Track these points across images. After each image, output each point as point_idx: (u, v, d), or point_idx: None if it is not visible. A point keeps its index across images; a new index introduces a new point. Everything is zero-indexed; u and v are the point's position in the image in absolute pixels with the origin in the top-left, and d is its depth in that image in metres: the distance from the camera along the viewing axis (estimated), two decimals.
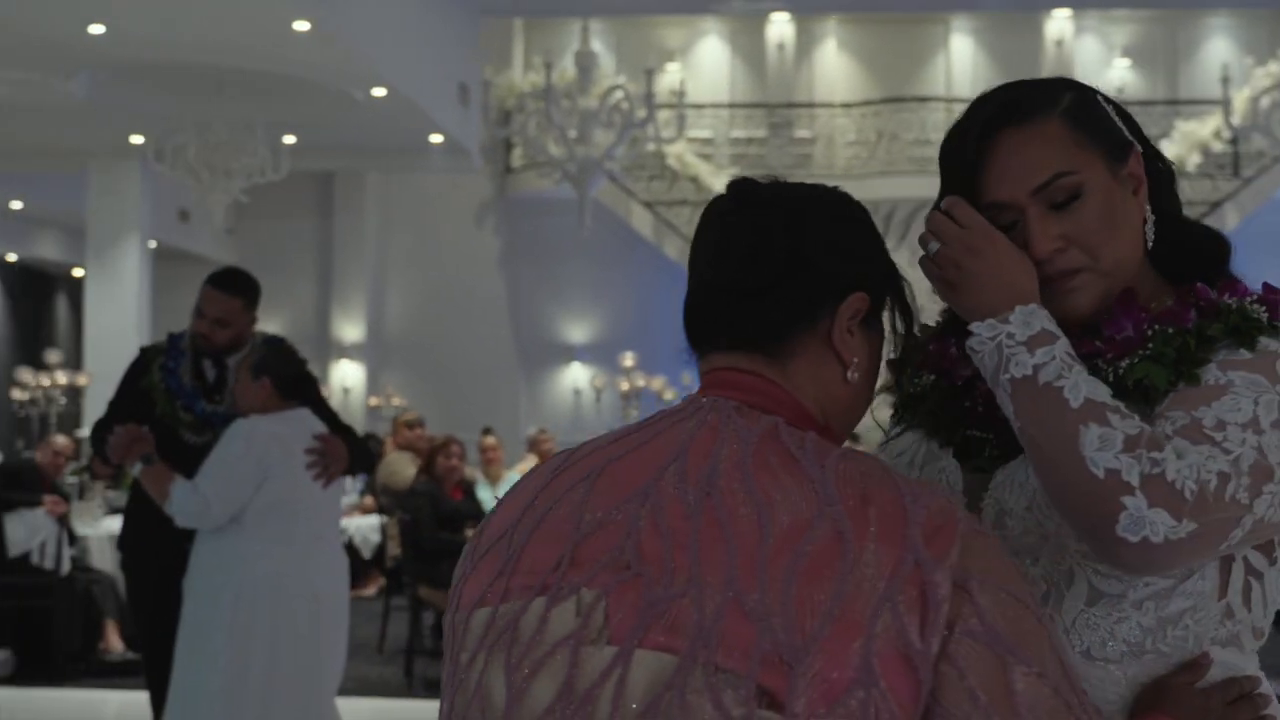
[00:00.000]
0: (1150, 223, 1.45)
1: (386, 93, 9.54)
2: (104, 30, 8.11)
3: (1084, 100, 1.45)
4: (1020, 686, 1.12)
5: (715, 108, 18.72)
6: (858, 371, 1.32)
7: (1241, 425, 1.28)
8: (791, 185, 1.35)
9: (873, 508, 1.16)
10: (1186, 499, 1.23)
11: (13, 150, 11.66)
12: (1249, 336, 1.36)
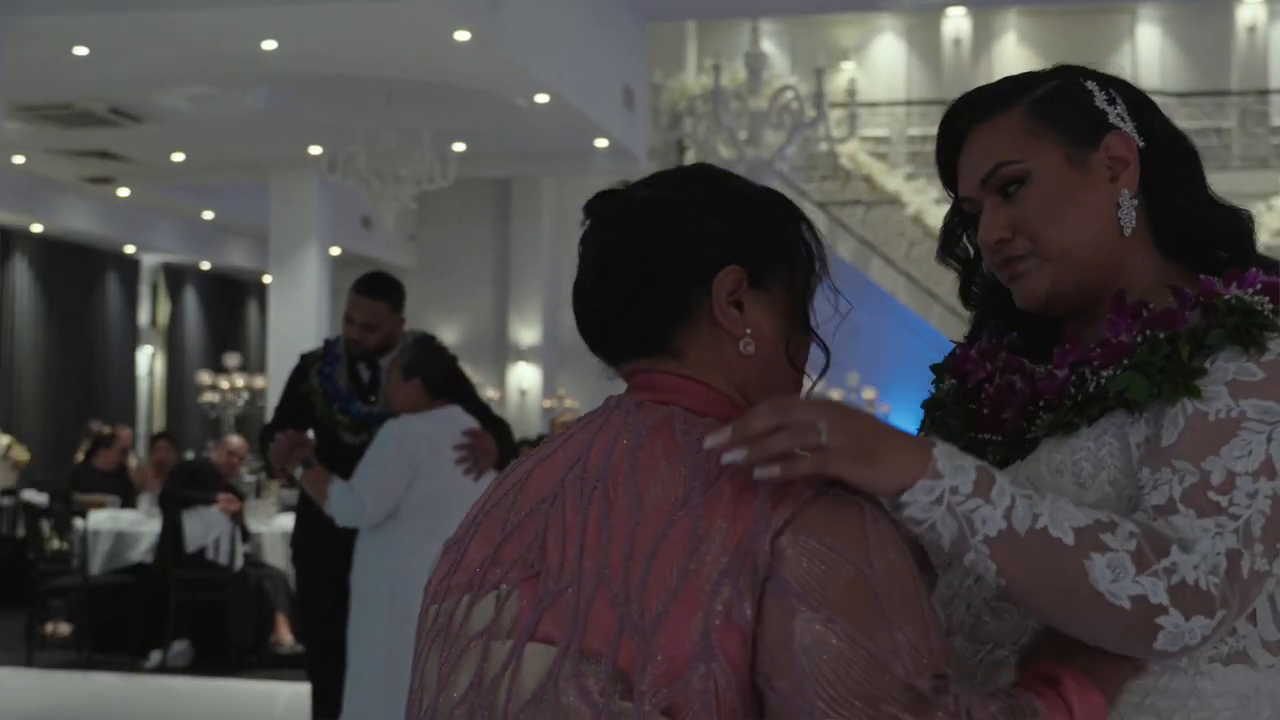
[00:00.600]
0: (1129, 207, 1.41)
1: (549, 99, 9.67)
2: (276, 46, 8.41)
3: (1060, 89, 1.44)
4: (799, 632, 1.13)
5: (890, 105, 18.52)
6: (752, 341, 1.31)
7: (1252, 474, 1.24)
8: (646, 184, 1.35)
9: (728, 482, 1.18)
10: (1214, 595, 1.20)
11: (202, 163, 12.18)
12: (1253, 337, 1.29)
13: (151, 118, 10.41)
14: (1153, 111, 1.46)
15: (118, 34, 8.24)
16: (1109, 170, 1.42)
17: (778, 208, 1.38)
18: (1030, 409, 1.42)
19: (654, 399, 1.30)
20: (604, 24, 10.71)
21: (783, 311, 1.35)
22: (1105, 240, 1.41)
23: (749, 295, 1.32)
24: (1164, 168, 1.43)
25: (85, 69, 8.93)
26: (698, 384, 1.31)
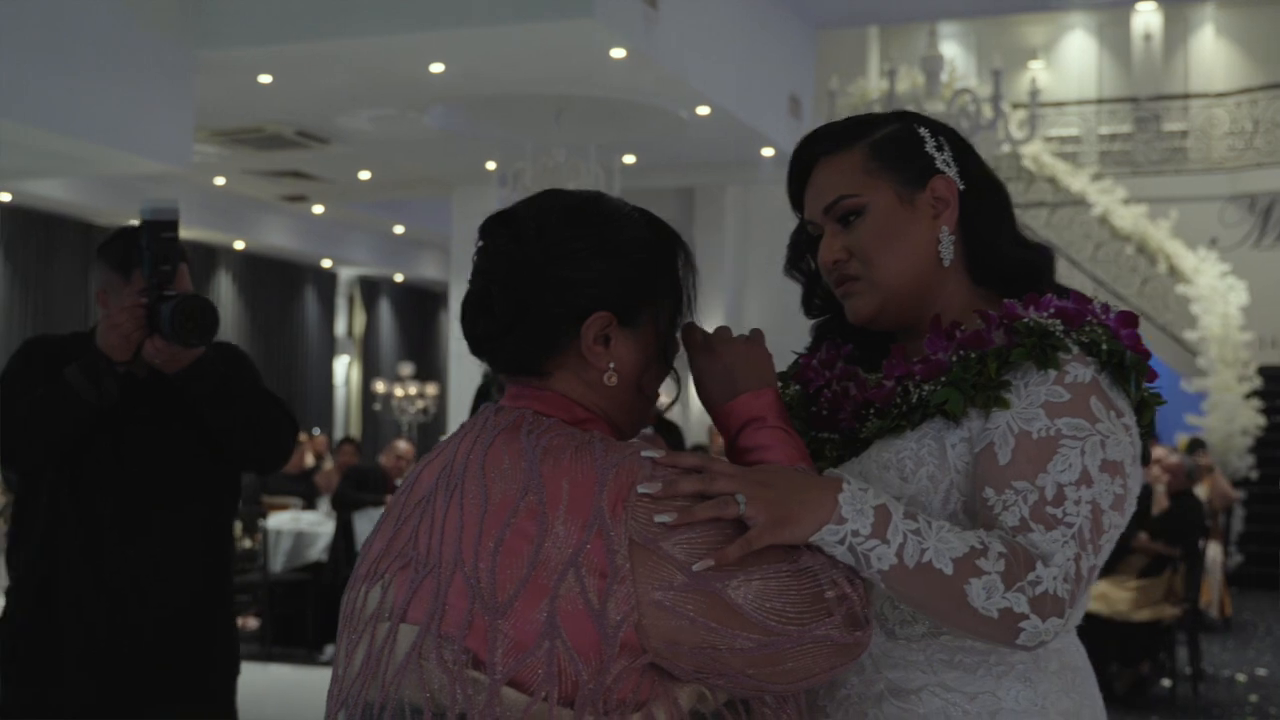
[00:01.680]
0: (948, 241, 1.59)
1: (710, 111, 9.85)
2: (443, 68, 8.79)
3: (898, 133, 1.62)
4: (737, 597, 1.33)
5: (1078, 105, 18.14)
6: (615, 375, 1.47)
7: (1075, 484, 1.44)
8: (534, 219, 1.48)
9: (566, 479, 1.35)
10: (1065, 599, 1.41)
11: (388, 180, 12.73)
12: (1049, 356, 1.48)
13: (337, 139, 10.96)
14: (973, 157, 1.65)
15: (297, 62, 8.73)
16: (933, 209, 1.60)
17: (657, 255, 1.53)
18: (862, 413, 1.60)
19: (514, 406, 1.48)
20: (769, 35, 10.84)
21: (646, 347, 1.51)
22: (926, 269, 1.60)
23: (617, 332, 1.48)
24: (980, 208, 1.62)
25: (270, 96, 9.48)
26: (565, 400, 1.48)
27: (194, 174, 12.49)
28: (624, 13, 8.09)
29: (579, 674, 1.32)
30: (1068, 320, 1.52)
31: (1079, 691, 1.57)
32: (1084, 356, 1.50)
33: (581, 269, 1.47)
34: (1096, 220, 15.99)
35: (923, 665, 1.53)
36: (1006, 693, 1.52)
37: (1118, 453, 1.47)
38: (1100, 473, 1.44)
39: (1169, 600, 7.19)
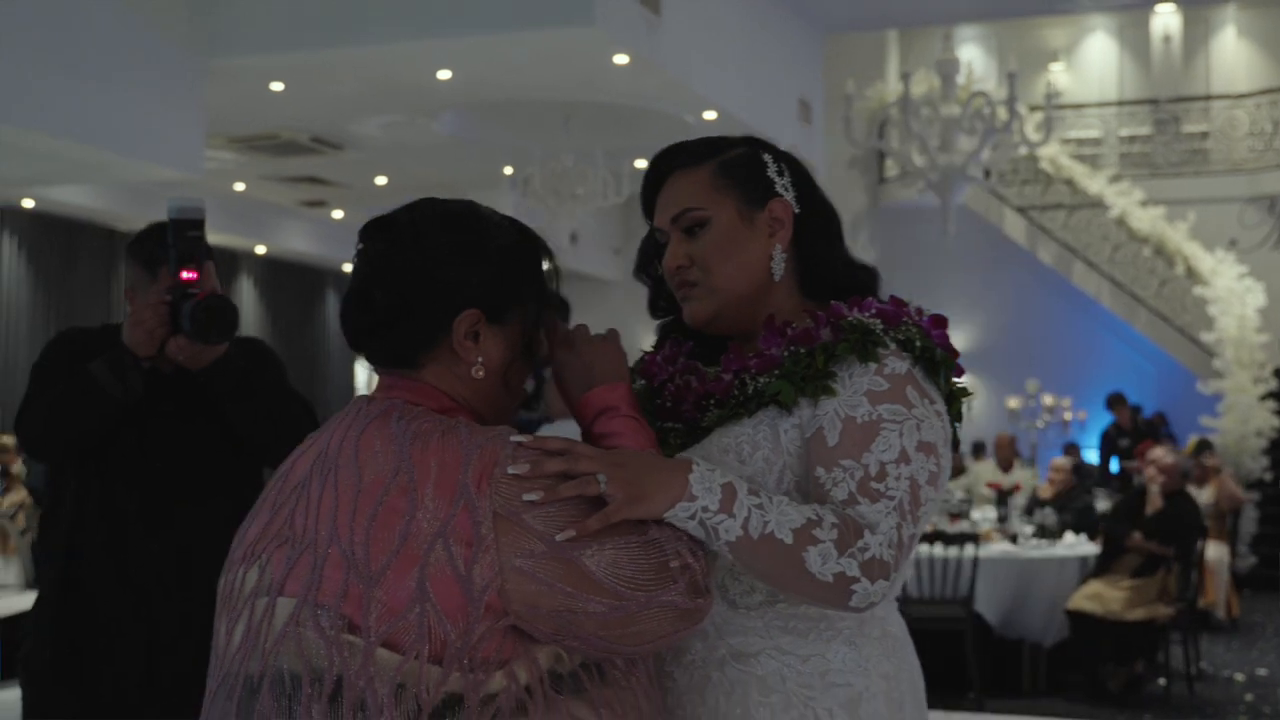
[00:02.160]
0: (780, 258, 1.76)
1: (717, 115, 9.95)
2: (450, 75, 8.94)
3: (744, 156, 1.79)
4: (592, 565, 1.47)
5: (1097, 106, 18.14)
6: (483, 368, 1.61)
7: (895, 462, 1.61)
8: (412, 224, 1.61)
9: (434, 459, 1.49)
10: (890, 563, 1.58)
11: (403, 185, 12.89)
12: (869, 350, 1.65)
13: (351, 145, 11.14)
14: (811, 185, 1.82)
15: (307, 70, 8.90)
16: (769, 228, 1.77)
17: (524, 259, 1.67)
18: (703, 403, 1.75)
19: (385, 397, 1.61)
20: (777, 39, 10.93)
21: (513, 343, 1.65)
22: (758, 282, 1.77)
23: (486, 329, 1.62)
24: (814, 231, 1.80)
25: (282, 103, 9.65)
26: (436, 391, 1.61)
27: (213, 180, 12.69)
28: (626, 20, 8.21)
29: (447, 634, 1.44)
30: (886, 320, 1.70)
31: (898, 656, 1.73)
32: (900, 352, 1.67)
33: (455, 271, 1.60)
34: (1114, 222, 16.00)
35: (760, 631, 1.68)
36: (834, 655, 1.68)
37: (931, 435, 1.64)
38: (917, 452, 1.62)
39: (1163, 600, 7.24)
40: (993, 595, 7.41)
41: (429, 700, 1.43)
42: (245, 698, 1.51)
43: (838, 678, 1.67)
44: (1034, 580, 7.51)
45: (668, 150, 1.83)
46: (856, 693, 1.67)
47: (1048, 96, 14.59)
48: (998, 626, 7.47)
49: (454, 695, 1.44)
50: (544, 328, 1.69)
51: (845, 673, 1.67)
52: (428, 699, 1.43)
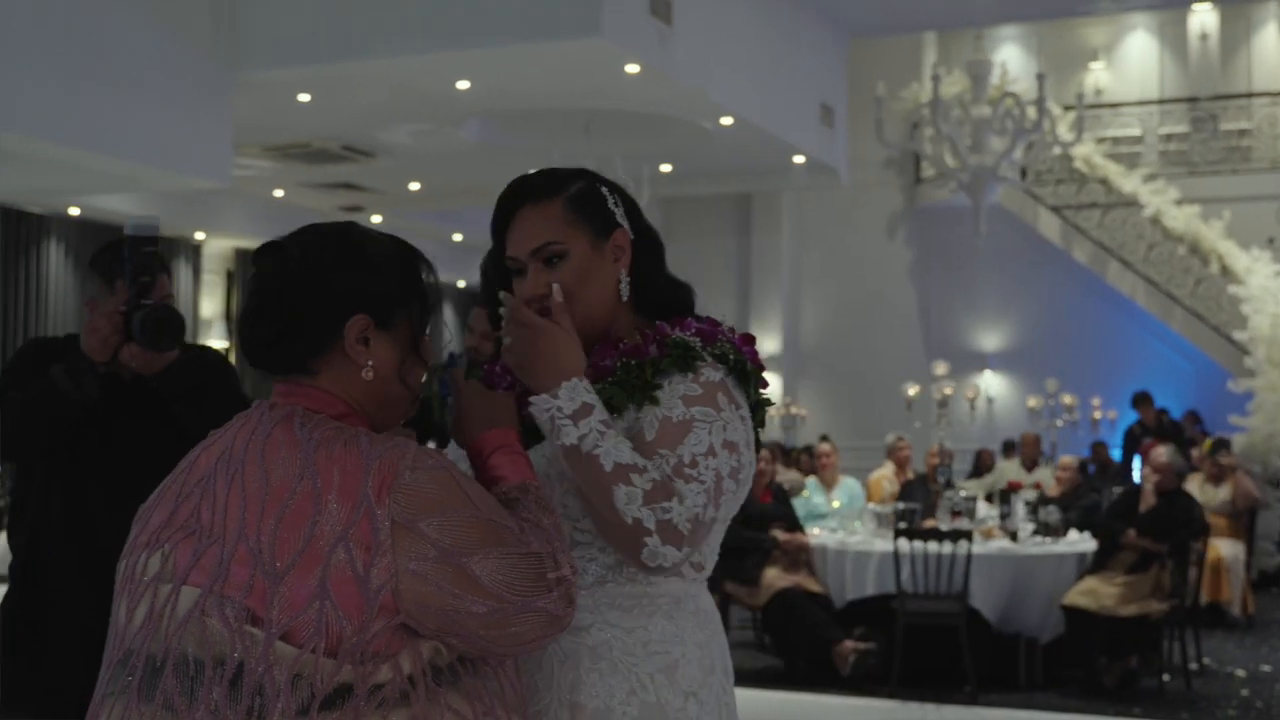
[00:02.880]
0: (625, 282, 1.99)
1: (734, 121, 10.15)
2: (469, 85, 9.21)
3: (587, 190, 2.00)
4: (478, 570, 1.66)
5: (1132, 105, 18.11)
6: (373, 371, 1.79)
7: (704, 455, 1.86)
8: (299, 245, 1.80)
9: (337, 466, 1.66)
10: (684, 534, 1.81)
11: (436, 190, 13.19)
12: (689, 364, 1.91)
13: (382, 152, 11.44)
14: (638, 211, 2.06)
15: (332, 81, 9.21)
16: (614, 255, 2.00)
17: (405, 269, 1.85)
18: None
19: (285, 402, 1.79)
20: (797, 46, 11.11)
21: (401, 346, 1.83)
22: (610, 304, 2.00)
23: (375, 334, 1.79)
24: (644, 254, 2.04)
25: (310, 113, 9.96)
26: (329, 396, 1.79)
27: (253, 187, 13.08)
28: (636, 30, 8.44)
29: (344, 630, 1.62)
30: (704, 338, 1.97)
31: (710, 629, 1.99)
32: (715, 364, 1.93)
33: (341, 281, 1.78)
34: (1148, 221, 16.01)
35: (591, 608, 1.90)
36: (655, 627, 1.92)
37: (735, 435, 1.90)
38: (722, 449, 1.87)
39: (1156, 596, 7.36)
40: (989, 591, 7.56)
41: (322, 689, 1.60)
42: (148, 675, 1.64)
43: (658, 647, 1.91)
44: (1031, 576, 7.66)
45: (516, 186, 2.02)
46: (674, 660, 1.91)
47: (1078, 96, 14.66)
48: (995, 622, 7.62)
49: (345, 685, 1.61)
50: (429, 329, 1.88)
51: (664, 642, 1.91)
52: (321, 688, 1.60)
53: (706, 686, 1.94)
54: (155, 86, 8.39)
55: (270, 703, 1.59)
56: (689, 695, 1.91)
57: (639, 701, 1.89)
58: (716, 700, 1.96)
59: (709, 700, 1.94)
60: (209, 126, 8.84)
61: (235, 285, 14.57)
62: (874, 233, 18.29)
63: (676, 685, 1.91)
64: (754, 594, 7.85)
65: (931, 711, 7.12)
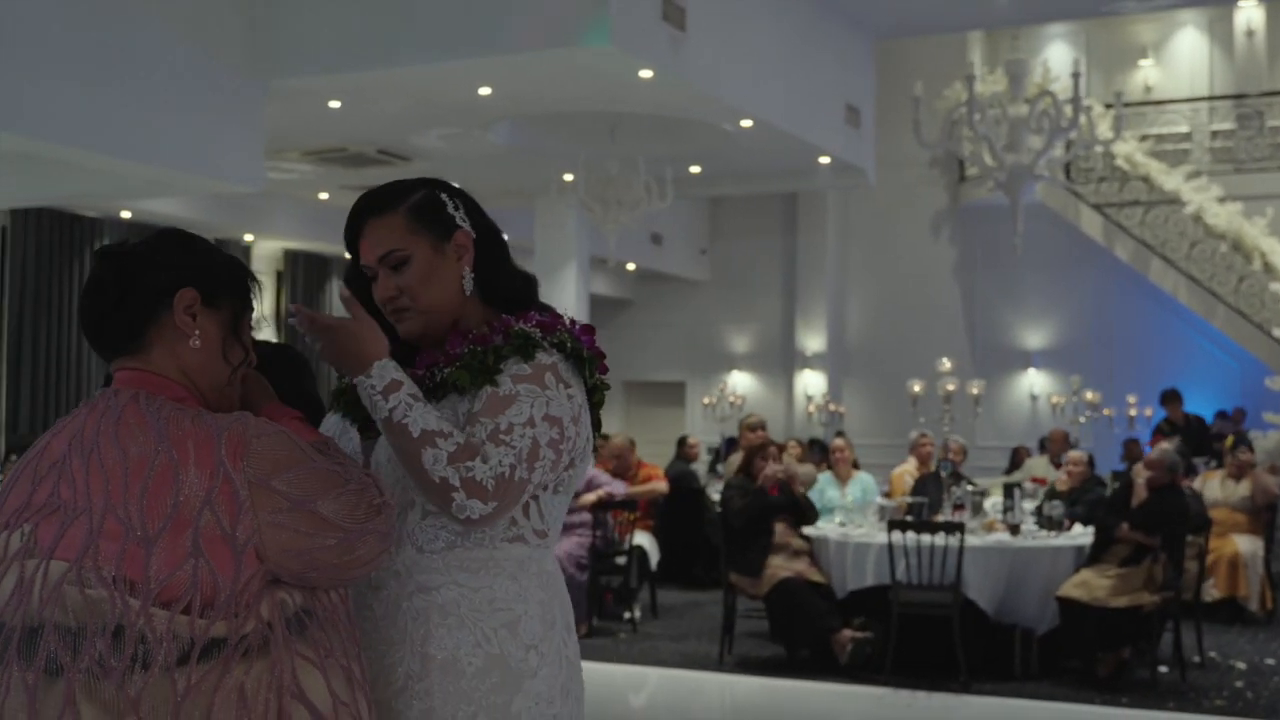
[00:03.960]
0: (469, 277, 2.24)
1: (753, 124, 10.36)
2: (490, 91, 9.50)
3: (427, 199, 2.26)
4: (325, 511, 1.93)
5: (1182, 102, 18.04)
6: (200, 340, 2.05)
7: (522, 425, 2.09)
8: (129, 243, 2.09)
9: (189, 440, 1.92)
10: (489, 490, 2.03)
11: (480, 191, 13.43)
12: (529, 352, 2.15)
13: (417, 155, 11.78)
14: (480, 212, 2.30)
15: (360, 89, 9.53)
16: (457, 255, 2.24)
17: (234, 265, 2.14)
18: None
19: (126, 387, 2.04)
20: (820, 49, 11.28)
21: (224, 324, 2.10)
22: (455, 299, 2.24)
23: (202, 310, 2.06)
24: (487, 251, 2.28)
25: (342, 119, 10.31)
26: (159, 376, 2.05)
27: (299, 190, 13.48)
28: (647, 37, 8.67)
29: (218, 584, 1.86)
30: (544, 328, 2.20)
31: (552, 589, 2.21)
32: (551, 350, 2.17)
33: (173, 260, 2.06)
34: (1190, 218, 15.98)
35: (441, 570, 2.13)
36: (499, 587, 2.14)
37: (559, 411, 2.13)
38: (543, 421, 2.10)
39: (1148, 588, 7.49)
40: (985, 583, 7.73)
41: (199, 641, 1.83)
42: (25, 639, 1.81)
43: (501, 604, 2.13)
44: (1027, 569, 7.81)
45: (362, 200, 2.28)
46: (516, 616, 2.14)
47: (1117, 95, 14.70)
48: (993, 613, 7.78)
49: (218, 638, 1.83)
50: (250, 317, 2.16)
51: (508, 600, 2.14)
52: (198, 640, 1.83)
53: (547, 640, 2.16)
54: (191, 97, 8.75)
55: (154, 649, 1.78)
56: (530, 648, 2.14)
57: (484, 653, 2.11)
58: (557, 653, 2.18)
59: (549, 652, 2.16)
60: (242, 134, 9.19)
61: (284, 285, 14.99)
62: (919, 231, 18.40)
63: (519, 639, 2.13)
64: (756, 584, 8.07)
65: (921, 699, 7.31)
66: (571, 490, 2.25)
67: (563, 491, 2.21)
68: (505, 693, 2.12)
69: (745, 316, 19.39)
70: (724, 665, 8.15)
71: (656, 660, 8.33)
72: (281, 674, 1.88)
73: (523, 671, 2.13)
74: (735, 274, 19.41)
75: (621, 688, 7.83)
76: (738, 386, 19.25)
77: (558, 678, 2.17)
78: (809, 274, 18.72)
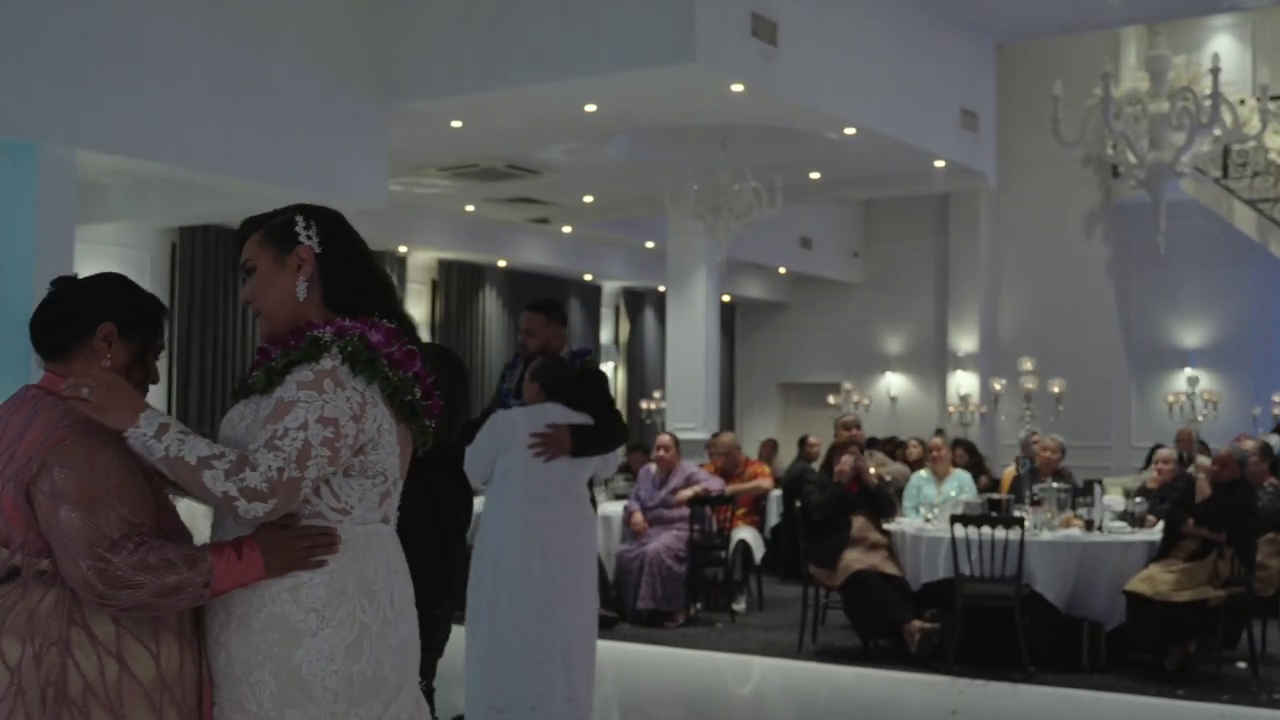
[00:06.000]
0: (303, 286, 2.65)
1: (856, 131, 10.66)
2: (596, 108, 10.04)
3: (283, 221, 2.71)
4: (62, 516, 2.45)
5: None
6: (110, 362, 2.61)
7: (296, 429, 2.44)
8: (75, 279, 2.69)
9: (37, 429, 2.51)
10: (265, 492, 2.40)
11: (609, 202, 14.10)
12: (316, 355, 2.54)
13: (545, 169, 12.39)
14: (334, 230, 2.70)
15: (478, 109, 10.17)
16: (296, 266, 2.66)
17: (153, 307, 2.72)
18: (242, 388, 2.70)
19: (43, 386, 2.65)
20: (930, 55, 11.50)
21: (133, 353, 2.68)
22: (290, 304, 2.66)
23: (117, 340, 2.65)
24: (331, 266, 2.68)
25: (465, 137, 10.99)
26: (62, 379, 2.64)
27: (448, 203, 14.25)
28: (736, 53, 9.09)
29: (11, 532, 2.47)
30: (340, 333, 2.55)
31: (346, 560, 2.54)
32: (336, 355, 2.53)
33: (102, 298, 2.66)
34: None
35: None
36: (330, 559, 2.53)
37: (334, 412, 2.47)
38: (316, 424, 2.44)
39: (1212, 583, 7.57)
40: (1053, 577, 7.92)
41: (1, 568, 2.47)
42: None
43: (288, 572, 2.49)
44: (1095, 563, 7.97)
45: (243, 222, 2.80)
46: (300, 582, 2.49)
47: (1263, 88, 14.46)
48: (1063, 607, 7.96)
49: (15, 566, 2.47)
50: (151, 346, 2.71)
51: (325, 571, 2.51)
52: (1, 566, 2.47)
53: (333, 605, 2.49)
54: (319, 123, 9.52)
55: None
56: (311, 610, 2.48)
57: (269, 612, 2.48)
58: (350, 617, 2.50)
59: (334, 616, 2.49)
60: (366, 155, 9.93)
61: (439, 293, 15.79)
62: (1072, 230, 18.26)
63: (300, 602, 2.47)
64: (832, 576, 8.40)
65: (977, 687, 7.56)
66: (378, 474, 2.57)
67: (358, 475, 2.55)
68: (287, 647, 2.47)
69: (898, 318, 19.52)
70: (801, 653, 8.50)
71: (741, 648, 8.73)
72: (71, 607, 2.42)
73: (302, 630, 2.47)
74: (888, 276, 19.55)
75: (689, 673, 8.25)
76: (891, 388, 19.41)
77: (344, 639, 2.49)
78: (961, 275, 18.75)
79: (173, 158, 8.78)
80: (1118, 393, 18.00)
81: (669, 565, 9.46)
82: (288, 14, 9.32)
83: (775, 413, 20.47)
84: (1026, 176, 18.28)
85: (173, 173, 9.29)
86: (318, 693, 2.48)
